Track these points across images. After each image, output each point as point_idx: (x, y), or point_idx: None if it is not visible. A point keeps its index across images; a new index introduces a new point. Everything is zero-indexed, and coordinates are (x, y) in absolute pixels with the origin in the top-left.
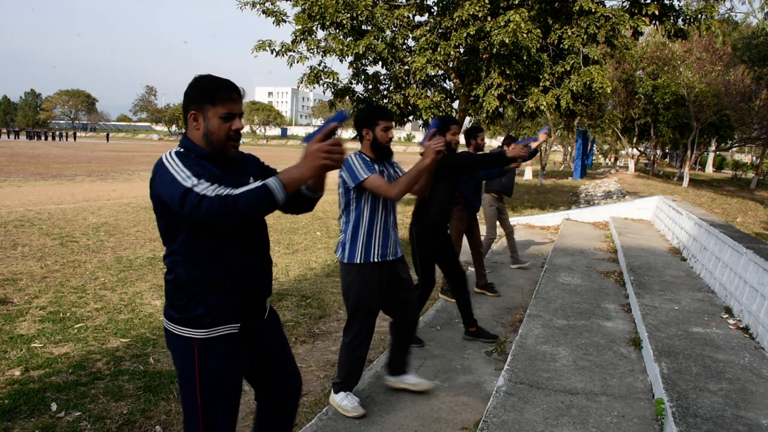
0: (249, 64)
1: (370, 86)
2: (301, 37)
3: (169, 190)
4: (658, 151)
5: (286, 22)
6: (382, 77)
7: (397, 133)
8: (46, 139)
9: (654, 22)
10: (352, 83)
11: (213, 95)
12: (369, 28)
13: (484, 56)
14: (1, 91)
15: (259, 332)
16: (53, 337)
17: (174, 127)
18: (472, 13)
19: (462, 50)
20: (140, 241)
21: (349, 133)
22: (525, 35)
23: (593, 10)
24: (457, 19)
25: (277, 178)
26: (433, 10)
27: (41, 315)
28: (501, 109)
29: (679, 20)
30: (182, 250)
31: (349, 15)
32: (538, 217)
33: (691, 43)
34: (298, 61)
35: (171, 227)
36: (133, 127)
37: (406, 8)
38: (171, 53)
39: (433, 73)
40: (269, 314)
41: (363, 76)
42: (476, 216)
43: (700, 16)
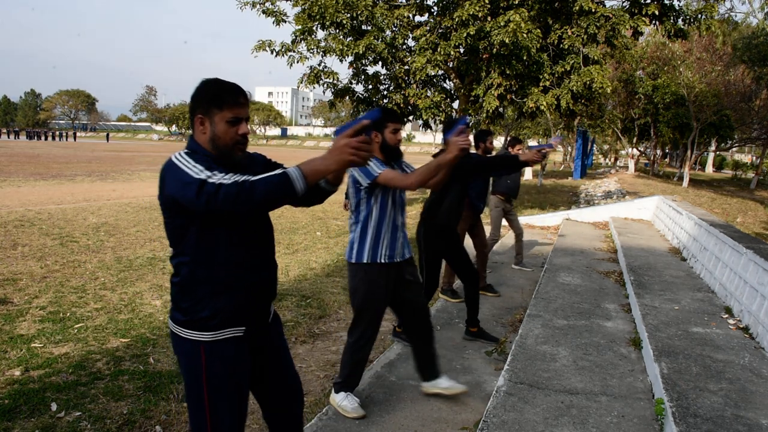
0: (249, 64)
1: (370, 86)
2: (301, 37)
3: (183, 186)
4: (658, 151)
5: (286, 22)
6: (382, 77)
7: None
8: (46, 139)
9: (654, 22)
10: (352, 83)
11: (220, 99)
12: (369, 28)
13: (484, 56)
14: (1, 91)
15: (263, 336)
16: (53, 337)
17: (174, 127)
18: (472, 13)
19: (462, 50)
20: (140, 241)
21: None
22: (525, 35)
23: (593, 10)
24: (457, 19)
25: (298, 167)
26: (433, 10)
27: (41, 315)
28: (501, 109)
29: (679, 20)
30: (189, 252)
31: (349, 15)
32: (538, 217)
33: (691, 43)
34: (298, 61)
35: (179, 229)
36: (133, 127)
37: (406, 8)
38: (171, 53)
39: (433, 73)
40: (273, 318)
41: (363, 76)
42: (480, 217)
43: (700, 16)
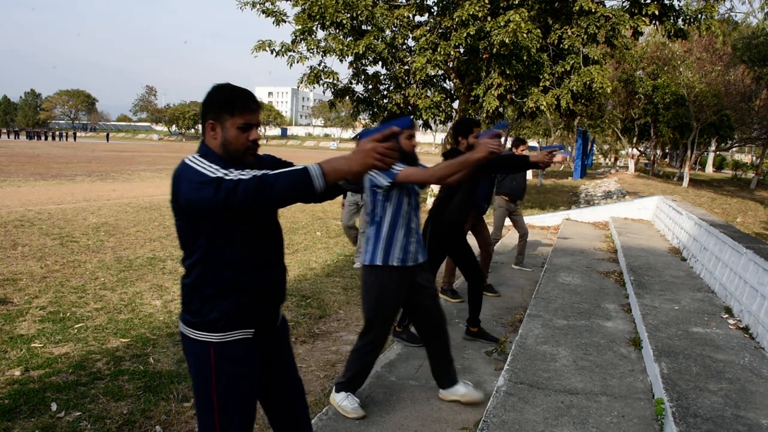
0: (249, 64)
1: (370, 86)
2: (301, 37)
3: (200, 186)
4: (658, 151)
5: (286, 22)
6: (382, 77)
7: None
8: (46, 139)
9: (654, 22)
10: (352, 83)
11: (231, 105)
12: (369, 28)
13: (484, 56)
14: (1, 91)
15: (270, 338)
16: (53, 337)
17: (174, 127)
18: (472, 13)
19: (462, 50)
20: (140, 241)
21: (350, 133)
22: (525, 35)
23: (593, 10)
24: (457, 19)
25: (319, 165)
26: (433, 10)
27: (41, 315)
28: (501, 109)
29: (679, 20)
30: (200, 254)
31: (349, 15)
32: (538, 217)
33: (691, 43)
34: (298, 61)
35: (190, 231)
36: (133, 127)
37: (406, 8)
38: (171, 53)
39: (433, 73)
40: (281, 321)
41: (363, 76)
42: (482, 217)
43: (700, 16)
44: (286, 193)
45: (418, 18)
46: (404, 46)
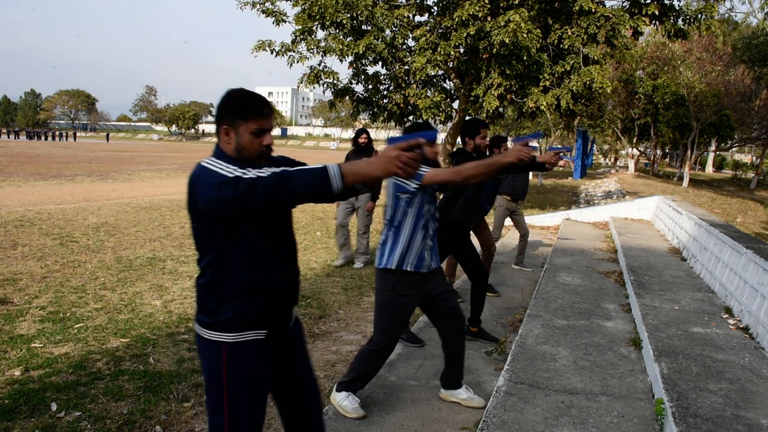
0: (249, 64)
1: (370, 86)
2: (301, 37)
3: (219, 186)
4: (658, 151)
5: (286, 22)
6: (382, 77)
7: (396, 134)
8: (46, 139)
9: (654, 22)
10: (352, 83)
11: (245, 111)
12: (369, 28)
13: (484, 56)
14: (1, 91)
15: (283, 339)
16: (53, 337)
17: (174, 127)
18: (472, 13)
19: (462, 50)
20: (140, 241)
21: (350, 133)
22: (525, 35)
23: (593, 10)
24: (457, 19)
25: (338, 165)
26: (433, 10)
27: (41, 315)
28: (501, 109)
29: (679, 20)
30: (215, 255)
31: (349, 15)
32: (538, 217)
33: (691, 43)
34: (298, 61)
35: (206, 233)
36: (133, 127)
37: (406, 8)
38: (171, 53)
39: (433, 73)
40: (294, 322)
41: (363, 76)
42: (484, 217)
43: (700, 16)
44: (305, 190)
45: (418, 18)
46: (404, 46)
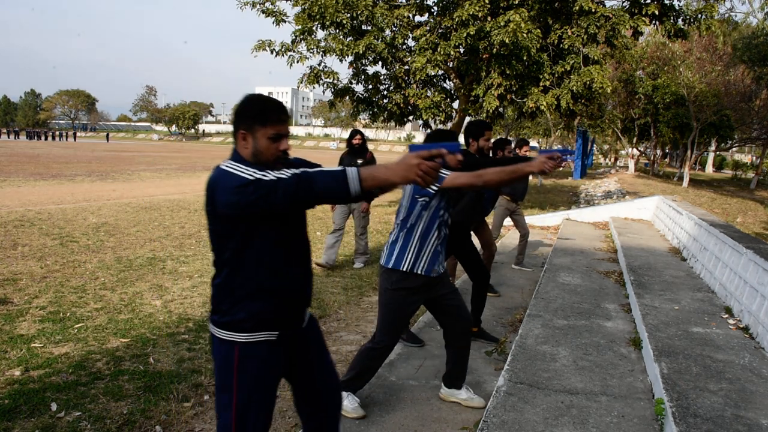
0: (249, 64)
1: (370, 86)
2: (301, 37)
3: (239, 189)
4: (658, 151)
5: (286, 22)
6: (382, 77)
7: (396, 133)
8: (46, 139)
9: (654, 22)
10: (352, 83)
11: (263, 116)
12: (369, 28)
13: (484, 56)
14: (1, 91)
15: (296, 340)
16: (53, 337)
17: (174, 127)
18: (472, 13)
19: (462, 50)
20: (140, 241)
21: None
22: (525, 35)
23: (593, 10)
24: (457, 19)
25: (357, 169)
26: (433, 10)
27: (41, 315)
28: (501, 109)
29: (679, 20)
30: (231, 257)
31: (349, 15)
32: (538, 217)
33: (691, 43)
34: (298, 61)
35: (224, 234)
36: (133, 127)
37: (406, 8)
38: (171, 53)
39: (433, 73)
40: (309, 321)
41: (363, 76)
42: (484, 218)
43: (700, 16)
44: (324, 192)
45: (418, 18)
46: (404, 46)
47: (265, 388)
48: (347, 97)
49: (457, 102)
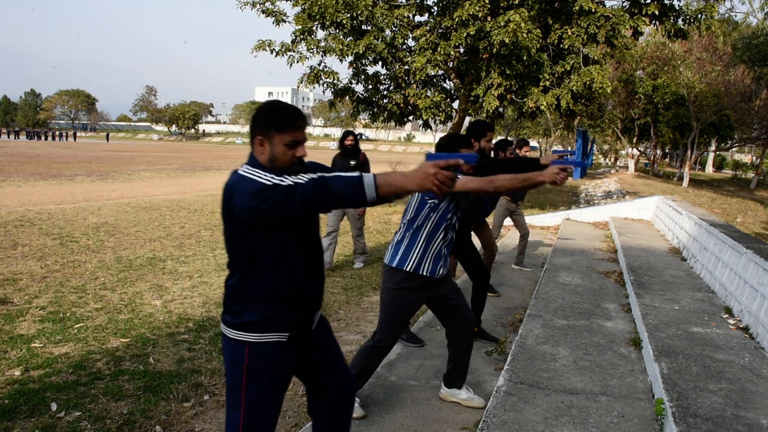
0: (249, 64)
1: (370, 86)
2: (301, 37)
3: (257, 194)
4: (658, 151)
5: (286, 22)
6: (382, 77)
7: (396, 133)
8: (46, 139)
9: (654, 22)
10: (352, 83)
11: (280, 123)
12: (369, 28)
13: (484, 56)
14: (1, 91)
15: (306, 342)
16: (53, 337)
17: (174, 127)
18: (472, 13)
19: (462, 50)
20: (140, 241)
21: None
22: (525, 35)
23: (593, 10)
24: (457, 19)
25: (374, 176)
26: (433, 10)
27: (41, 315)
28: (501, 109)
29: (679, 20)
30: (246, 260)
31: (349, 15)
32: (538, 217)
33: (691, 43)
34: (298, 61)
35: (240, 238)
36: (133, 127)
37: (406, 8)
38: (171, 53)
39: (433, 73)
40: (319, 322)
41: (363, 76)
42: (485, 219)
43: (700, 16)
44: (340, 198)
45: (418, 18)
46: (404, 46)
47: (275, 388)
48: (347, 97)
49: (457, 102)
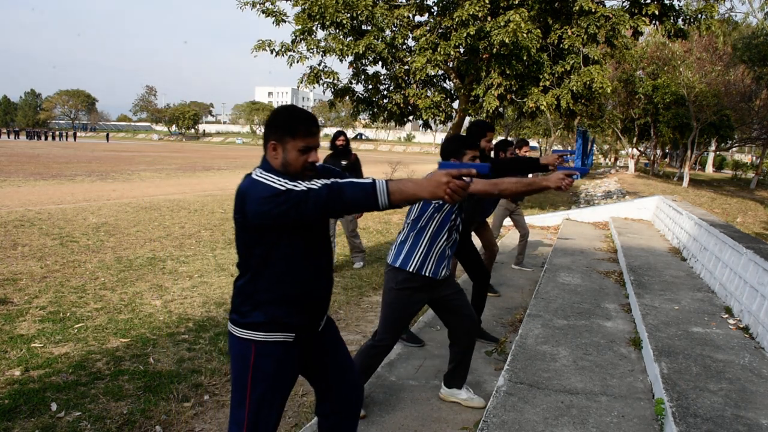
0: (249, 63)
1: (370, 86)
2: (301, 37)
3: (270, 199)
4: (658, 151)
5: (286, 22)
6: (382, 77)
7: (396, 133)
8: (46, 139)
9: (654, 22)
10: (352, 83)
11: (293, 128)
12: (369, 28)
13: (484, 56)
14: (1, 91)
15: (311, 343)
16: (53, 337)
17: (174, 127)
18: (472, 13)
19: (462, 50)
20: (140, 241)
21: (349, 134)
22: (525, 35)
23: (593, 10)
24: (457, 19)
25: (386, 182)
26: (433, 10)
27: (41, 315)
28: (501, 109)
29: (679, 20)
30: (256, 262)
31: (349, 15)
32: (538, 217)
33: (691, 43)
34: (298, 61)
35: (252, 242)
36: (133, 127)
37: (406, 8)
38: (171, 53)
39: (433, 73)
40: (326, 323)
41: (363, 76)
42: (486, 218)
43: (700, 16)
44: (352, 204)
45: (418, 18)
46: (404, 46)
47: (279, 387)
48: (347, 97)
49: (457, 102)
